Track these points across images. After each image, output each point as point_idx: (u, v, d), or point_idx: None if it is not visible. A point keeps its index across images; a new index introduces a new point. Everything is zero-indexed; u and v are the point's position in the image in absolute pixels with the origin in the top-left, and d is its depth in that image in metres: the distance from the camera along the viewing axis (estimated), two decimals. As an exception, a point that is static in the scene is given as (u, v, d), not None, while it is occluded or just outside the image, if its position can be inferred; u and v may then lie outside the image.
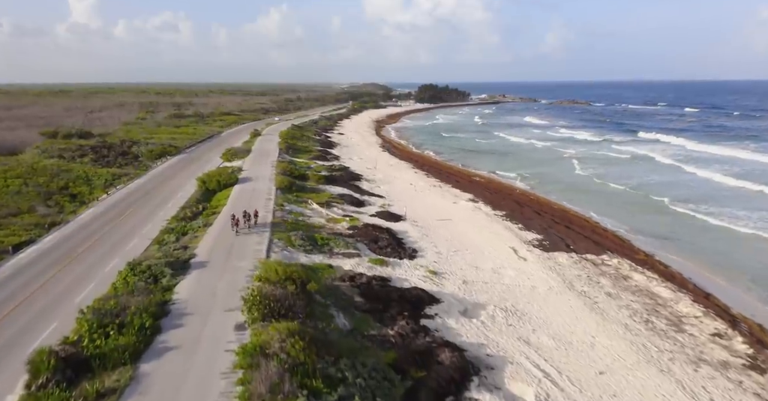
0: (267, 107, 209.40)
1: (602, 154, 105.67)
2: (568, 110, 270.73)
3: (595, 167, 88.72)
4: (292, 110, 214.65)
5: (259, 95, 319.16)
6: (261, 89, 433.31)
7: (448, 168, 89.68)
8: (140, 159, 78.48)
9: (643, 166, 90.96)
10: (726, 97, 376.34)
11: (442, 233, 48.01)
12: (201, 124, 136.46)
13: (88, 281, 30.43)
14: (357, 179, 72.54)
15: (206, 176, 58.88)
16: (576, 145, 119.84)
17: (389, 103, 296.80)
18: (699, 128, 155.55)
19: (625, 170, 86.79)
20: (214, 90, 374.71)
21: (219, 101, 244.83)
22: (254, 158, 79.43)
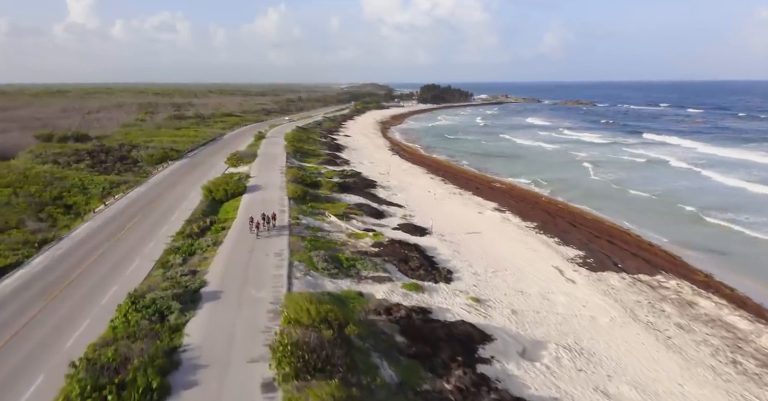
0: (268, 107, 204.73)
1: (614, 157, 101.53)
2: (573, 110, 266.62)
3: (610, 172, 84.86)
4: (294, 110, 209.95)
5: (259, 96, 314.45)
6: (261, 90, 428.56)
7: (463, 173, 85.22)
8: (140, 164, 73.92)
9: (660, 170, 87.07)
10: (728, 98, 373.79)
11: (474, 249, 43.54)
12: (202, 125, 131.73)
13: (82, 318, 25.91)
14: (372, 186, 68.05)
15: (212, 184, 54.32)
16: (586, 147, 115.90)
17: (391, 103, 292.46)
18: (707, 130, 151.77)
19: (641, 174, 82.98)
20: (214, 90, 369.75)
21: (219, 101, 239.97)
22: (261, 162, 74.89)
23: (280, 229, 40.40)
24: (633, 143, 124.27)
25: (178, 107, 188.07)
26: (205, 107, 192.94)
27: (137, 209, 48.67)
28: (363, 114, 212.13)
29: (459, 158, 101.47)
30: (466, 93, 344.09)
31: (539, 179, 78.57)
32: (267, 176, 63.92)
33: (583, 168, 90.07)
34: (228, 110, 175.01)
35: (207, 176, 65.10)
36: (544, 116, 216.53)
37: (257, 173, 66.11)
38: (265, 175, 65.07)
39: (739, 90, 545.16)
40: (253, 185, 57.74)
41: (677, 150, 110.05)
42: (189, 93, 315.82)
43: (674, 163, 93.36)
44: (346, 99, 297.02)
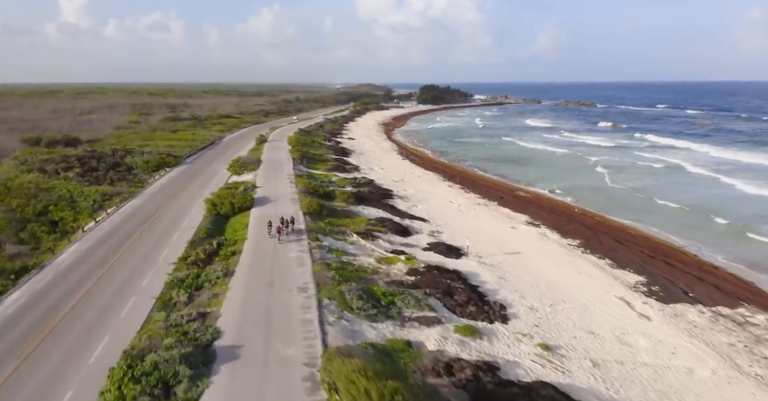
0: (266, 108, 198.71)
1: (628, 162, 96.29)
2: (574, 111, 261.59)
3: (627, 179, 79.96)
4: (292, 111, 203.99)
5: (255, 96, 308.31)
6: (256, 90, 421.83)
7: (480, 180, 79.73)
8: (135, 172, 67.98)
9: (678, 177, 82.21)
10: (725, 99, 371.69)
11: (520, 274, 38.00)
12: (199, 128, 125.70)
13: (63, 389, 20.11)
14: (389, 196, 62.42)
15: (216, 197, 48.50)
16: (596, 151, 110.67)
17: (391, 104, 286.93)
18: (714, 133, 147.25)
19: (661, 182, 78.01)
20: (208, 91, 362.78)
21: (214, 102, 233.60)
22: (267, 170, 69.16)
23: (299, 233, 39.56)
24: (642, 146, 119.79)
25: (172, 108, 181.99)
26: (201, 108, 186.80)
27: (132, 227, 42.78)
28: (363, 115, 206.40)
29: (471, 163, 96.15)
30: (466, 94, 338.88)
31: (558, 187, 73.51)
32: (275, 186, 58.19)
33: (598, 174, 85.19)
34: (225, 112, 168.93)
35: (208, 185, 59.47)
36: (548, 118, 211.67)
37: (264, 183, 60.36)
38: (272, 184, 59.34)
39: (734, 91, 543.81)
40: (261, 197, 51.97)
41: (689, 154, 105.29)
42: (183, 93, 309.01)
43: (691, 169, 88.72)
44: (345, 100, 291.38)
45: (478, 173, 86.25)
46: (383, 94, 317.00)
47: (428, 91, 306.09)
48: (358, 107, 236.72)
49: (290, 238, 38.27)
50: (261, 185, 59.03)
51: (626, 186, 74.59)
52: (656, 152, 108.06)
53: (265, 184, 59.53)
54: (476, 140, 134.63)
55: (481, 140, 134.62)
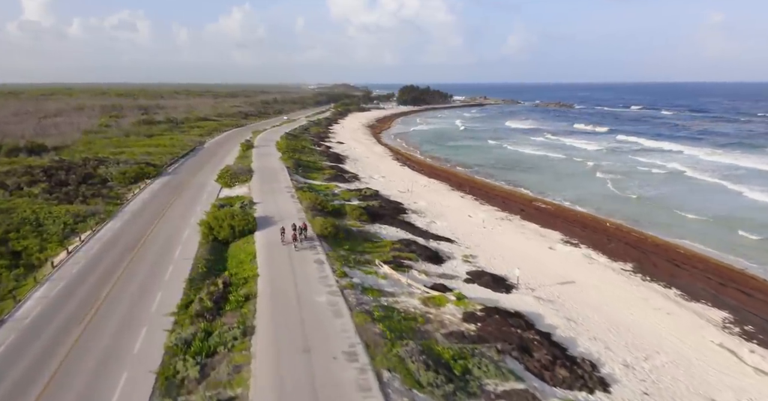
0: (244, 110, 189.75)
1: (627, 167, 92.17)
2: (555, 112, 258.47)
3: (635, 186, 75.37)
4: (271, 113, 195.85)
5: (229, 97, 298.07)
6: (230, 90, 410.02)
7: (491, 189, 73.75)
8: (110, 185, 59.98)
9: (683, 184, 77.95)
10: (696, 100, 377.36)
11: (588, 313, 31.88)
12: (176, 132, 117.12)
13: None
14: (401, 210, 55.85)
15: (212, 218, 41.16)
16: (590, 155, 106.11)
17: (371, 105, 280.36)
18: (701, 135, 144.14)
19: (668, 189, 73.61)
20: (180, 91, 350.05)
21: (188, 103, 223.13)
22: (261, 181, 61.93)
23: (311, 240, 38.21)
24: (634, 149, 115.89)
25: (145, 110, 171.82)
26: (176, 110, 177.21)
27: (113, 260, 35.22)
28: (346, 117, 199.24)
29: (472, 170, 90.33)
30: (445, 95, 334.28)
31: (569, 196, 68.83)
32: (275, 202, 51.07)
33: (600, 180, 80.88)
34: (202, 114, 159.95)
35: (198, 201, 52.05)
36: (532, 119, 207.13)
37: (261, 197, 53.14)
38: (272, 199, 52.18)
39: (700, 92, 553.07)
40: (263, 217, 44.79)
41: (685, 159, 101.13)
42: (155, 94, 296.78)
43: (693, 175, 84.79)
44: (324, 100, 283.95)
45: (484, 181, 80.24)
46: (362, 95, 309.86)
47: (408, 92, 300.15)
48: (339, 109, 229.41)
49: (304, 245, 37.00)
50: (259, 200, 51.77)
51: (639, 195, 69.54)
52: (651, 156, 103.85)
53: (263, 199, 52.29)
54: (468, 144, 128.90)
55: (473, 144, 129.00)
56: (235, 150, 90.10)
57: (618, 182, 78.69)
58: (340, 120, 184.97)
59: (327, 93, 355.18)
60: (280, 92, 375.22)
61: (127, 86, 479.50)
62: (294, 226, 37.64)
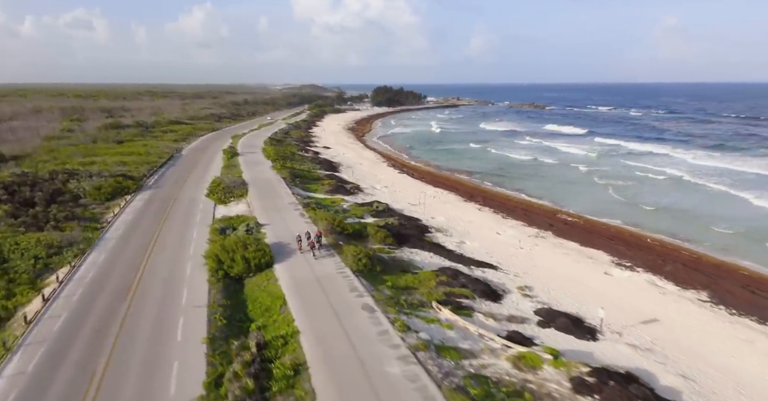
0: (216, 112, 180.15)
1: (624, 173, 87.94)
2: (531, 114, 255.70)
3: (639, 194, 71.37)
4: (245, 115, 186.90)
5: (196, 98, 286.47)
6: (195, 91, 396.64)
7: (505, 199, 68.27)
8: (84, 203, 51.96)
9: (689, 191, 73.94)
10: (660, 99, 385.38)
11: (703, 369, 26.39)
12: (148, 137, 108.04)
13: None
14: (423, 228, 49.62)
15: (219, 249, 34.04)
16: (580, 160, 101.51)
17: (345, 106, 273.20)
18: (680, 137, 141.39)
19: (676, 197, 69.69)
20: (143, 92, 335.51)
21: (154, 105, 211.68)
22: (259, 195, 54.77)
23: (327, 248, 36.96)
24: (622, 153, 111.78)
25: (109, 113, 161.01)
26: (142, 113, 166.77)
27: (103, 310, 27.82)
28: (323, 119, 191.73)
29: (470, 177, 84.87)
30: (419, 95, 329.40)
31: (581, 207, 64.06)
32: (284, 222, 44.15)
33: (603, 188, 76.50)
34: (172, 117, 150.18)
35: (192, 222, 44.71)
36: (510, 121, 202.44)
37: (266, 216, 46.12)
38: (278, 219, 45.24)
39: (660, 92, 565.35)
40: (277, 243, 37.93)
41: (677, 163, 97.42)
42: (116, 95, 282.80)
43: (692, 179, 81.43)
44: (296, 102, 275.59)
45: (495, 190, 74.65)
46: (336, 96, 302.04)
47: (382, 93, 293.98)
48: (314, 110, 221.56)
49: (323, 253, 36.03)
50: (265, 221, 44.71)
51: (655, 206, 64.80)
52: (641, 160, 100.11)
53: (269, 219, 45.25)
54: (454, 147, 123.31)
55: (459, 147, 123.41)
56: (219, 158, 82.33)
57: (623, 189, 74.48)
58: (318, 122, 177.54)
59: (298, 94, 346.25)
60: (248, 93, 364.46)
61: (85, 87, 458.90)
62: (308, 234, 36.64)
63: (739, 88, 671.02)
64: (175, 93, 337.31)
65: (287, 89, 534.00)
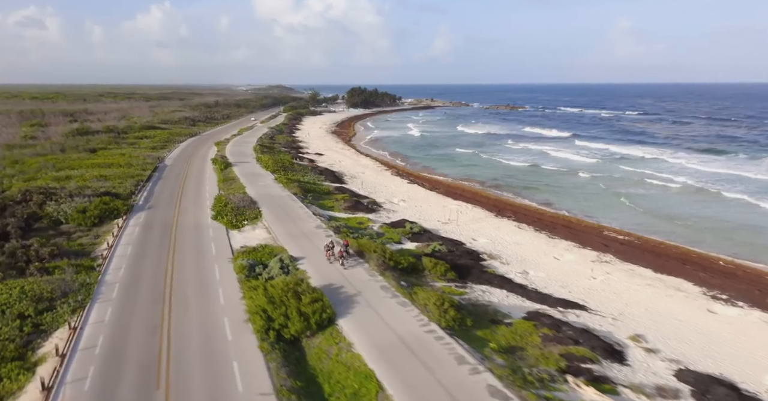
0: (188, 115, 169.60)
1: (633, 179, 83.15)
2: (511, 115, 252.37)
3: (658, 205, 66.48)
4: (219, 118, 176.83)
5: (162, 100, 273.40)
6: (159, 92, 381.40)
7: (540, 214, 62.04)
8: (66, 229, 43.44)
9: (709, 200, 69.47)
10: (625, 100, 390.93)
11: None
12: (123, 144, 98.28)
13: None
14: (475, 256, 42.93)
15: (266, 301, 26.57)
16: (579, 166, 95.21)
17: (320, 108, 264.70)
18: (663, 140, 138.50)
19: (701, 207, 65.22)
20: (105, 94, 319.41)
21: (119, 107, 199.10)
22: (275, 217, 47.19)
23: (354, 257, 35.74)
24: (616, 158, 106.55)
25: (72, 116, 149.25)
26: (109, 116, 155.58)
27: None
28: (302, 122, 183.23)
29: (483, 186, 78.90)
30: (394, 97, 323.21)
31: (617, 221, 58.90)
32: (322, 254, 36.73)
33: (615, 196, 71.61)
34: (145, 121, 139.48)
35: (206, 257, 37.03)
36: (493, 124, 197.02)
37: (296, 246, 38.73)
38: (312, 249, 37.98)
39: (622, 93, 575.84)
40: (329, 287, 30.63)
41: (677, 169, 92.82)
42: (76, 97, 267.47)
43: (703, 186, 77.19)
44: (269, 103, 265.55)
45: (519, 202, 68.57)
46: (310, 98, 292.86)
47: (358, 95, 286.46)
48: (290, 112, 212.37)
49: (351, 262, 35.12)
50: (297, 252, 37.27)
51: (686, 218, 59.99)
52: (641, 166, 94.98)
53: (302, 250, 37.82)
54: (458, 151, 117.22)
55: (455, 152, 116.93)
56: (209, 169, 74.00)
57: (640, 199, 69.56)
58: (299, 126, 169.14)
59: (270, 95, 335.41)
60: (214, 94, 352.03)
61: (40, 88, 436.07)
62: (332, 243, 36.22)
63: (694, 89, 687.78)
64: (138, 95, 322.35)
65: (253, 90, 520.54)
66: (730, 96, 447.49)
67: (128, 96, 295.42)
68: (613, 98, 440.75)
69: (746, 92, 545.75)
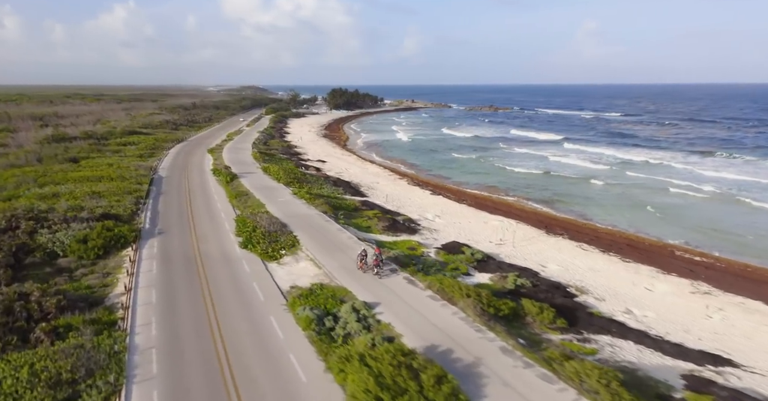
0: (169, 119, 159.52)
1: (654, 187, 78.08)
2: (498, 117, 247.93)
3: (690, 216, 61.49)
4: (201, 122, 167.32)
5: (134, 101, 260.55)
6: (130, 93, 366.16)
7: (591, 230, 56.17)
8: (64, 264, 35.47)
9: (746, 212, 64.61)
10: (601, 101, 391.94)
11: None
12: (106, 152, 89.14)
13: None
14: (564, 292, 36.42)
15: (374, 384, 19.60)
16: (590, 174, 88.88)
17: (302, 110, 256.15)
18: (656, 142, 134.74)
19: (747, 220, 60.25)
20: (71, 95, 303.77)
21: (91, 110, 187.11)
22: (319, 245, 39.92)
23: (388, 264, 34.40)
24: (621, 163, 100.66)
25: (41, 120, 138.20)
26: (82, 120, 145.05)
27: None
28: (289, 125, 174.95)
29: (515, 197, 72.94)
30: (376, 98, 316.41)
31: (675, 237, 53.57)
32: (400, 299, 29.77)
33: (639, 207, 66.50)
34: (125, 126, 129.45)
35: (255, 304, 29.93)
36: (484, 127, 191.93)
37: (358, 285, 31.61)
38: (385, 292, 30.83)
39: (589, 94, 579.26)
40: (431, 349, 23.67)
41: (687, 174, 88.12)
42: (41, 98, 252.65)
43: (720, 191, 73.79)
44: (249, 105, 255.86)
45: (561, 216, 62.56)
46: (290, 99, 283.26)
47: (339, 96, 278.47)
48: (273, 115, 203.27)
49: (385, 270, 33.66)
50: (368, 296, 30.20)
51: (743, 233, 54.96)
52: (652, 172, 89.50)
53: (372, 293, 30.74)
54: (460, 157, 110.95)
55: (463, 157, 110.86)
56: (211, 180, 66.26)
57: (672, 209, 64.87)
58: (287, 129, 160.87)
59: (250, 97, 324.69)
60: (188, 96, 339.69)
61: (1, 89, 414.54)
62: (364, 252, 34.88)
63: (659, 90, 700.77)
64: (107, 96, 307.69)
65: (226, 91, 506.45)
66: (698, 97, 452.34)
67: (97, 97, 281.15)
68: (586, 99, 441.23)
69: (711, 93, 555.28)
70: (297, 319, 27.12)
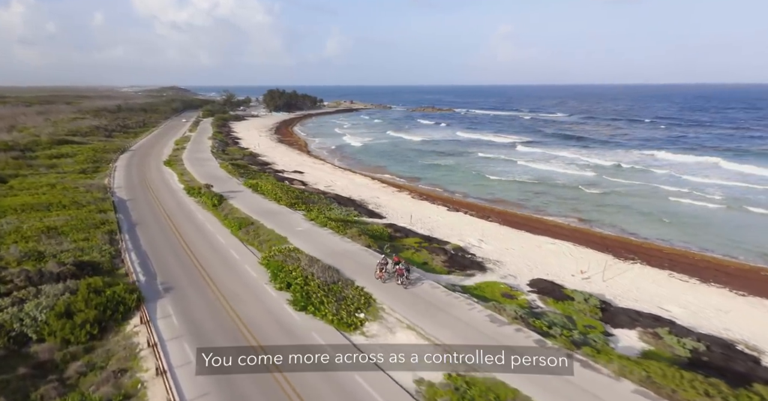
0: (98, 124, 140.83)
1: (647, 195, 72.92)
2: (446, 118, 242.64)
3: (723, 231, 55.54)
4: (135, 127, 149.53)
5: (45, 104, 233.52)
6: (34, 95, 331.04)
7: (656, 250, 49.23)
8: (47, 358, 23.47)
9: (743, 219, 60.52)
10: (530, 101, 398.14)
11: None
12: (39, 167, 73.28)
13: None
14: (742, 356, 28.39)
15: None
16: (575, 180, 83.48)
17: (240, 111, 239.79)
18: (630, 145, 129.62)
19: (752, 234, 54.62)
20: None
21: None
22: (400, 303, 29.52)
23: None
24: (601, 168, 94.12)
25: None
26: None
27: None
28: (233, 129, 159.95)
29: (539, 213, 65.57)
30: (315, 99, 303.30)
31: None
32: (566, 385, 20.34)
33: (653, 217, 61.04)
34: (49, 133, 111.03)
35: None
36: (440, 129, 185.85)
37: (521, 379, 21.80)
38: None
39: (512, 93, 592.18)
40: None
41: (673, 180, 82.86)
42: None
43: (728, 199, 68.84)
44: (180, 108, 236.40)
45: (606, 233, 55.39)
46: (224, 101, 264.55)
47: (278, 97, 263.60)
48: (211, 118, 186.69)
49: (412, 279, 31.32)
50: (529, 388, 20.52)
51: None
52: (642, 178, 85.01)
53: (534, 385, 21.10)
54: (449, 162, 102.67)
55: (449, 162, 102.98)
56: (190, 203, 53.89)
57: (690, 219, 59.65)
58: (234, 134, 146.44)
59: (180, 98, 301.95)
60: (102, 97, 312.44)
61: None
62: (385, 259, 32.27)
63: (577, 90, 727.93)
64: (10, 98, 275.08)
65: (144, 92, 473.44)
66: (617, 97, 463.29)
67: (2, 101, 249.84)
68: (514, 100, 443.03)
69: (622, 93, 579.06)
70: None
